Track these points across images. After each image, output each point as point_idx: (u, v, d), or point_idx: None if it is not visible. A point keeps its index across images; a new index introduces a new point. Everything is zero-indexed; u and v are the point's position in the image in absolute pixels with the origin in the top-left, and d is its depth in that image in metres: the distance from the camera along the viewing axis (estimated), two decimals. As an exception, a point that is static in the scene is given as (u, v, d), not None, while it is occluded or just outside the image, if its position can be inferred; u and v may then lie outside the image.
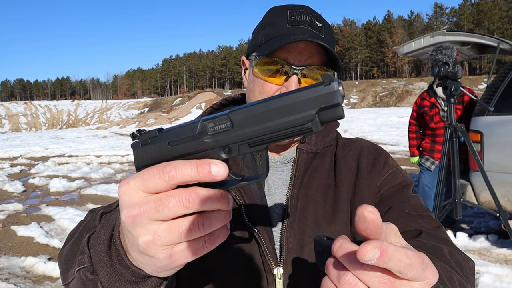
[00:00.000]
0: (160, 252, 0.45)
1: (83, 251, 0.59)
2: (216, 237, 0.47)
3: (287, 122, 0.43)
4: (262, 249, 0.79)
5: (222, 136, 0.46)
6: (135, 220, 0.44)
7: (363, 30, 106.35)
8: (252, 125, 0.45)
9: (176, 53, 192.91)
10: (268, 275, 0.79)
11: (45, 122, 65.50)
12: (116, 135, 26.79)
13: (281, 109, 0.44)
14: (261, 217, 0.83)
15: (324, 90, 0.42)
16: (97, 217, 0.64)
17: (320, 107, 0.42)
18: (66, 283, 0.66)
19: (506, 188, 3.76)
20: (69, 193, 7.66)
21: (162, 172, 0.43)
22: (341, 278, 0.41)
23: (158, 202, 0.43)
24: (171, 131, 0.49)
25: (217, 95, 49.72)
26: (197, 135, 0.47)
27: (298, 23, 0.83)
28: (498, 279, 3.48)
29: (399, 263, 0.38)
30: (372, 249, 0.38)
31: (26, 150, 15.28)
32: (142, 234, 0.45)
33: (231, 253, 0.81)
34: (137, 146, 0.51)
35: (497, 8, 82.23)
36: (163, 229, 0.44)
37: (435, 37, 5.04)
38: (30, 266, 4.12)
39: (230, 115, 0.46)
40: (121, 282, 0.55)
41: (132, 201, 0.45)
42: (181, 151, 0.48)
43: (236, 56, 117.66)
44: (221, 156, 0.47)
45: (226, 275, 0.80)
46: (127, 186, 0.45)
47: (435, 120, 4.24)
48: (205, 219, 0.45)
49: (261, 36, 0.87)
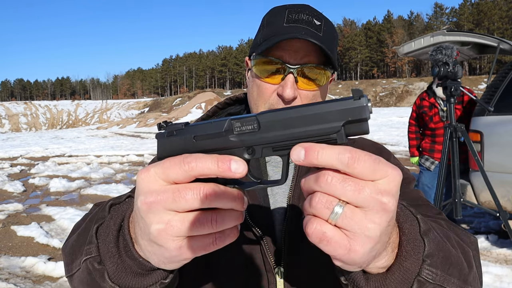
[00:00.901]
0: (171, 242, 0.45)
1: (91, 241, 0.59)
2: (227, 236, 0.47)
3: (314, 131, 0.45)
4: (264, 248, 0.80)
5: (248, 136, 0.47)
6: (151, 207, 0.44)
7: (363, 30, 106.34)
8: (278, 130, 0.46)
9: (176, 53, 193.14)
10: (269, 274, 0.79)
11: (45, 122, 65.50)
12: (116, 135, 26.78)
13: (309, 118, 0.45)
14: (263, 216, 0.83)
15: (353, 104, 0.43)
16: (106, 208, 0.64)
17: (347, 120, 0.43)
18: (70, 274, 0.66)
19: (506, 188, 3.76)
20: (69, 193, 7.66)
21: (183, 162, 0.43)
22: (312, 202, 0.43)
23: (176, 192, 0.44)
24: (198, 126, 0.50)
25: (217, 95, 49.71)
26: (223, 132, 0.48)
27: (295, 21, 0.82)
28: (498, 279, 3.48)
29: (334, 156, 0.41)
30: (298, 148, 0.42)
31: (26, 150, 15.28)
32: (155, 222, 0.45)
33: (232, 251, 0.81)
34: (161, 137, 0.51)
35: (497, 8, 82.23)
36: (177, 220, 0.44)
37: (435, 37, 5.03)
38: (30, 266, 4.12)
39: (259, 117, 0.47)
40: (127, 273, 0.55)
41: (151, 188, 0.45)
42: (205, 146, 0.49)
43: (236, 56, 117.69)
44: (244, 156, 0.48)
45: (227, 274, 0.80)
46: (147, 173, 0.45)
47: (434, 120, 4.24)
48: (218, 216, 0.45)
49: (260, 36, 0.87)
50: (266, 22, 0.87)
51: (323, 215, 0.42)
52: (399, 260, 0.52)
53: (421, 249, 0.54)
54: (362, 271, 0.54)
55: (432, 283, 0.54)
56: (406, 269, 0.52)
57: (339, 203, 0.42)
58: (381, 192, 0.41)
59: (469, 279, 0.60)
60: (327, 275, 0.77)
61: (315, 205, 0.42)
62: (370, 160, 0.41)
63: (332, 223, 0.42)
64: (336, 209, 0.42)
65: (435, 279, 0.54)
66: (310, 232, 0.43)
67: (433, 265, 0.54)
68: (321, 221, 0.42)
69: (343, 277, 0.57)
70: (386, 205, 0.42)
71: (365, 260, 0.46)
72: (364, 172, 0.41)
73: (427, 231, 0.55)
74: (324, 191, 0.42)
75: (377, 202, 0.41)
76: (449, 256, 0.57)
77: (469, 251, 0.64)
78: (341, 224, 0.42)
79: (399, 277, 0.52)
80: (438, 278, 0.54)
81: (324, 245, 0.43)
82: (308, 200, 0.44)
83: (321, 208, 0.42)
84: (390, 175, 0.42)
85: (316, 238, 0.43)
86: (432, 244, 0.55)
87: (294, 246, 0.81)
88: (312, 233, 0.43)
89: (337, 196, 0.42)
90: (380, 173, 0.41)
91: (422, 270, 0.53)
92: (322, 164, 0.41)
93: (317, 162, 0.41)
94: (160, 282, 0.56)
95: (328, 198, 0.42)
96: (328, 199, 0.42)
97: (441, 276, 0.55)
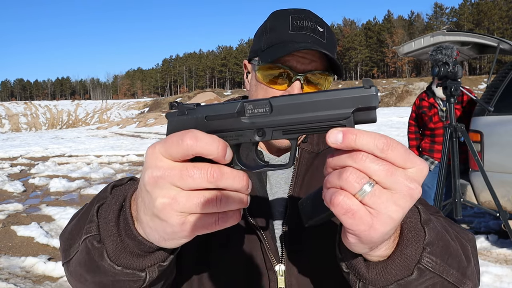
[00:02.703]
0: (175, 217, 0.46)
1: (91, 219, 0.60)
2: (229, 217, 0.47)
3: (324, 116, 0.46)
4: (264, 246, 0.80)
5: (259, 119, 0.48)
6: (158, 181, 0.45)
7: (363, 30, 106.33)
8: (290, 113, 0.47)
9: (176, 53, 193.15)
10: (270, 272, 0.80)
11: (45, 122, 65.49)
12: (116, 135, 26.78)
13: (320, 103, 0.46)
14: (263, 215, 0.84)
15: (363, 92, 0.45)
16: (108, 189, 0.65)
17: (357, 107, 0.45)
18: (67, 260, 0.66)
19: (506, 188, 3.75)
20: (69, 193, 7.66)
21: (181, 140, 0.44)
22: (342, 174, 0.44)
23: (183, 170, 0.44)
24: (210, 107, 0.50)
25: (217, 95, 49.72)
26: (236, 113, 0.48)
27: (300, 29, 0.84)
28: (498, 279, 3.48)
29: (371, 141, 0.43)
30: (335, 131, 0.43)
31: (26, 150, 15.28)
32: (161, 196, 0.45)
33: (232, 249, 0.81)
34: (172, 116, 0.51)
35: (497, 8, 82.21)
36: (182, 196, 0.45)
37: (435, 37, 5.03)
38: (30, 266, 4.12)
39: (272, 100, 0.48)
40: (126, 253, 0.55)
41: (158, 163, 0.45)
42: (216, 126, 0.49)
43: (236, 56, 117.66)
44: (255, 138, 0.49)
45: (227, 272, 0.81)
46: (153, 149, 0.46)
47: (434, 120, 4.24)
48: (223, 197, 0.46)
49: (263, 41, 0.88)
50: (269, 28, 0.88)
51: (351, 189, 0.43)
52: (400, 247, 0.54)
53: (422, 238, 0.55)
54: (363, 258, 0.55)
55: (431, 271, 0.55)
56: (407, 256, 0.54)
57: (369, 181, 0.43)
58: (410, 178, 0.44)
59: (467, 273, 0.61)
60: (327, 272, 0.78)
61: (345, 178, 0.43)
62: (402, 149, 0.43)
63: (359, 198, 0.44)
64: (365, 186, 0.43)
65: (434, 268, 0.55)
66: (337, 203, 0.44)
67: (433, 253, 0.55)
68: (348, 194, 0.44)
69: (345, 265, 0.58)
70: (413, 191, 0.44)
71: (379, 241, 0.47)
72: (397, 159, 0.43)
73: (428, 220, 0.57)
74: (357, 166, 0.43)
75: (405, 186, 0.43)
76: (448, 246, 0.58)
77: (467, 245, 0.65)
78: (367, 202, 0.43)
79: (399, 264, 0.54)
80: (438, 267, 0.55)
81: (348, 217, 0.44)
82: (336, 173, 0.45)
83: (351, 182, 0.43)
84: (419, 166, 0.44)
85: (341, 209, 0.44)
86: (432, 233, 0.56)
87: (294, 244, 0.82)
88: (339, 203, 0.44)
89: (369, 174, 0.43)
90: (410, 163, 0.44)
91: (422, 258, 0.54)
92: (358, 147, 0.43)
93: (354, 145, 0.43)
94: (158, 264, 0.56)
95: (359, 174, 0.43)
96: (360, 175, 0.43)
97: (441, 265, 0.56)
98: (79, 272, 0.63)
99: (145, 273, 0.57)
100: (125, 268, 0.56)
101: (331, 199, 0.45)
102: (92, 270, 0.59)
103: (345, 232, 0.48)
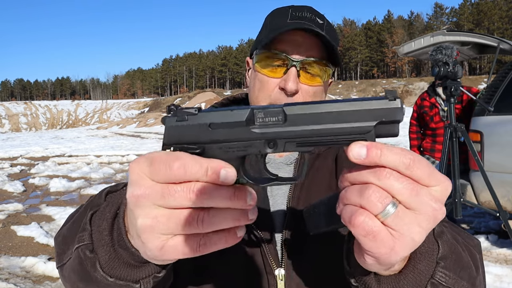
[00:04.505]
0: (154, 240, 0.43)
1: (84, 228, 0.57)
2: (213, 243, 0.43)
3: (343, 129, 0.42)
4: (264, 250, 0.79)
5: (271, 129, 0.43)
6: (138, 200, 0.42)
7: (363, 30, 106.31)
8: (306, 124, 0.43)
9: (176, 53, 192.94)
10: (270, 276, 0.78)
11: (45, 122, 65.49)
12: (116, 135, 26.77)
13: (340, 114, 0.42)
14: (263, 218, 0.81)
15: (388, 105, 0.41)
16: (103, 196, 0.62)
17: (381, 121, 0.41)
18: (61, 265, 0.64)
19: (506, 188, 3.75)
20: (69, 193, 7.65)
21: (169, 168, 0.41)
22: (364, 192, 0.41)
23: (165, 188, 0.41)
24: (214, 113, 0.44)
25: (217, 95, 49.72)
26: (244, 122, 0.44)
27: (298, 18, 0.83)
28: (498, 279, 3.48)
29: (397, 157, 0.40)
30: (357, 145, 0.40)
31: (26, 150, 15.27)
32: (142, 216, 0.42)
33: (232, 253, 0.79)
34: (171, 121, 0.45)
35: (497, 8, 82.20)
36: (163, 215, 0.42)
37: (435, 37, 5.04)
38: (30, 266, 4.11)
39: (285, 109, 0.43)
40: (120, 264, 0.53)
41: (140, 181, 0.42)
42: (222, 136, 0.44)
43: (236, 56, 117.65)
44: (265, 150, 0.44)
45: (226, 276, 0.79)
46: (137, 166, 0.43)
47: (435, 120, 4.25)
48: (206, 215, 0.41)
49: (262, 34, 0.88)
50: (269, 22, 0.88)
51: (374, 210, 0.40)
52: (413, 262, 0.52)
53: (435, 251, 0.53)
54: (374, 273, 0.53)
55: (444, 285, 0.53)
56: (420, 271, 0.52)
57: (393, 201, 0.40)
58: (434, 198, 0.41)
59: (476, 283, 0.60)
60: (328, 277, 0.77)
61: (368, 197, 0.40)
62: (427, 166, 0.41)
63: (381, 219, 0.41)
64: (389, 207, 0.40)
65: (447, 282, 0.53)
66: (358, 224, 0.41)
67: (446, 268, 0.53)
68: (370, 215, 0.41)
69: (353, 279, 0.56)
70: (437, 212, 0.41)
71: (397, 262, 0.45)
72: (422, 177, 0.40)
73: (441, 233, 0.55)
74: (381, 185, 0.40)
75: (430, 207, 0.41)
76: (460, 258, 0.57)
77: (476, 254, 0.64)
78: (390, 223, 0.41)
79: (412, 279, 0.52)
80: (450, 280, 0.54)
81: (369, 240, 0.41)
82: (356, 190, 0.42)
83: (374, 201, 0.40)
84: (443, 184, 0.41)
85: (362, 231, 0.41)
86: (445, 246, 0.54)
87: (295, 248, 0.80)
88: (360, 225, 0.41)
89: (393, 193, 0.40)
90: (435, 180, 0.41)
91: (436, 273, 0.52)
92: (383, 163, 0.40)
93: (378, 161, 0.40)
94: (153, 275, 0.54)
95: (383, 193, 0.40)
96: (383, 194, 0.40)
97: (453, 278, 0.54)
98: (72, 279, 0.61)
99: (140, 285, 0.54)
100: (119, 279, 0.54)
101: (351, 219, 0.41)
102: (85, 279, 0.57)
103: (362, 253, 0.45)
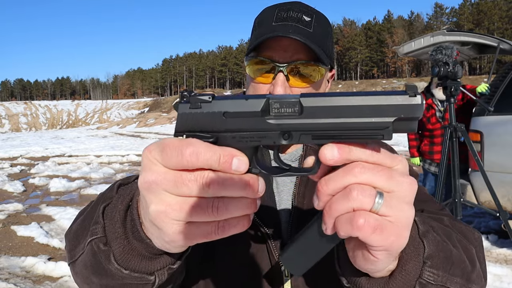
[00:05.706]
0: (170, 225, 0.43)
1: (97, 221, 0.57)
2: (232, 226, 0.44)
3: (361, 124, 0.41)
4: (270, 246, 0.79)
5: (287, 120, 0.43)
6: (150, 186, 0.42)
7: (363, 30, 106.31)
8: (323, 117, 0.42)
9: (176, 53, 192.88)
10: (276, 273, 0.79)
11: (45, 122, 65.51)
12: (116, 135, 26.78)
13: (358, 108, 0.41)
14: (269, 214, 0.82)
15: (408, 101, 0.40)
16: (115, 188, 0.62)
17: (400, 117, 0.41)
18: (73, 261, 0.64)
19: (506, 188, 3.75)
20: (69, 193, 7.66)
21: (181, 154, 0.41)
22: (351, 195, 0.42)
23: (178, 176, 0.41)
24: (229, 102, 0.43)
25: (217, 95, 49.61)
26: (260, 112, 0.43)
27: (283, 20, 0.82)
28: (498, 279, 3.48)
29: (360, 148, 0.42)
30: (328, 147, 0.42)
31: (26, 150, 15.28)
32: (154, 203, 0.43)
33: (238, 249, 0.80)
34: (183, 108, 0.44)
35: (497, 8, 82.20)
36: (176, 203, 0.42)
37: (435, 37, 5.04)
38: (30, 266, 4.12)
39: (302, 100, 0.42)
40: (134, 256, 0.53)
41: (152, 167, 0.42)
42: (236, 125, 0.43)
43: (236, 56, 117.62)
44: (280, 141, 0.44)
45: (233, 271, 0.80)
46: (149, 153, 0.43)
47: (432, 121, 4.25)
48: (221, 204, 0.42)
49: (253, 37, 0.88)
50: (257, 23, 0.88)
51: (366, 206, 0.41)
52: (401, 263, 0.53)
53: (421, 251, 0.54)
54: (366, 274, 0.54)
55: (433, 284, 0.54)
56: (408, 272, 0.52)
57: (378, 191, 0.42)
58: (403, 174, 0.44)
59: (472, 277, 0.60)
60: (334, 272, 0.77)
61: (356, 197, 0.41)
62: (384, 147, 0.43)
63: (375, 212, 0.42)
64: (377, 198, 0.41)
65: (436, 280, 0.54)
66: (361, 225, 0.41)
67: (433, 266, 0.54)
68: (367, 212, 0.41)
69: (345, 280, 0.57)
70: (412, 185, 0.43)
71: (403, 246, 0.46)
72: (386, 160, 0.43)
73: (426, 232, 0.55)
74: (360, 180, 0.41)
75: (405, 184, 0.43)
76: (450, 256, 0.57)
77: (471, 249, 0.64)
78: (384, 212, 0.42)
79: (401, 280, 0.52)
80: (440, 278, 0.54)
81: (377, 234, 0.42)
82: (340, 197, 0.42)
83: (363, 199, 0.41)
84: (403, 160, 0.44)
85: (368, 229, 0.41)
86: (431, 245, 0.54)
87: None
88: (363, 225, 0.41)
89: (373, 183, 0.42)
90: (396, 160, 0.44)
91: (423, 272, 0.53)
92: (354, 157, 0.42)
93: (350, 156, 0.42)
94: (168, 267, 0.54)
95: (366, 188, 0.41)
96: (367, 188, 0.41)
97: (443, 276, 0.55)
98: (85, 274, 0.61)
99: (154, 277, 0.54)
100: (133, 271, 0.54)
101: (353, 225, 0.41)
102: (99, 273, 0.57)
103: (371, 252, 0.45)
